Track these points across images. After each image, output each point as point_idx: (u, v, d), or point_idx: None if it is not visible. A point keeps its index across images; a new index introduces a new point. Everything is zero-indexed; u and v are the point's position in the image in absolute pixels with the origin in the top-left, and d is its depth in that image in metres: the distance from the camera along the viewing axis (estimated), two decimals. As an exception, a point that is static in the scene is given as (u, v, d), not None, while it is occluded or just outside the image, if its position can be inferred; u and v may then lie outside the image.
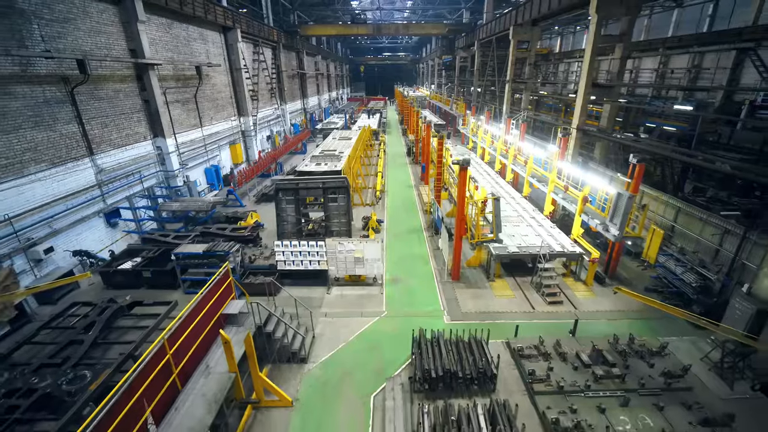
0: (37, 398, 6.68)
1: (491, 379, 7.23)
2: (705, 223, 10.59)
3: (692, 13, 25.20)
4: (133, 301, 9.48)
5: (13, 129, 10.19)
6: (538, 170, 15.74)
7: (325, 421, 7.06)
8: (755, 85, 18.38)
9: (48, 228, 11.10)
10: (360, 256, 10.80)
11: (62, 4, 11.67)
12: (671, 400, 7.04)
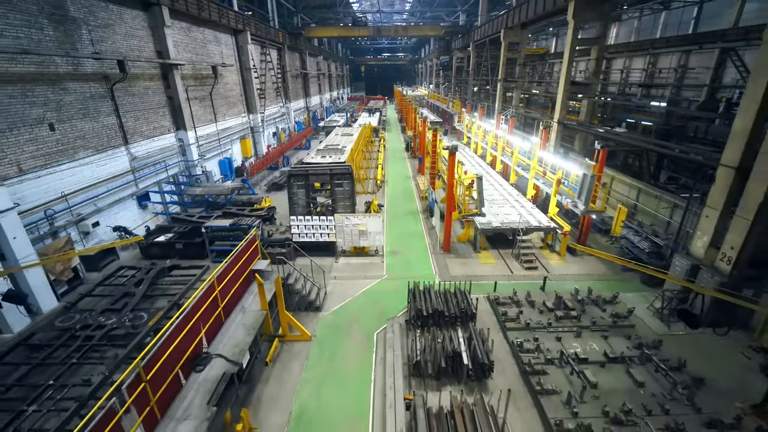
0: (106, 332, 8.39)
1: (471, 317, 8.97)
2: (659, 200, 12.35)
3: (678, 15, 26.86)
4: (172, 265, 11.19)
5: (68, 119, 11.92)
6: (524, 160, 17.49)
7: (338, 351, 8.80)
8: (735, 83, 20.05)
9: (93, 206, 12.83)
10: (364, 229, 12.55)
11: (104, 12, 13.41)
12: (616, 334, 8.80)
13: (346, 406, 7.33)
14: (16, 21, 10.27)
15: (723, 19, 22.38)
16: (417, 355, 7.71)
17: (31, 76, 10.74)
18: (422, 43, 77.45)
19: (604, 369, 7.74)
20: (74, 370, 7.22)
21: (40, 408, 6.29)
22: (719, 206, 9.09)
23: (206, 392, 6.48)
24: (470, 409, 6.57)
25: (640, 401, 6.90)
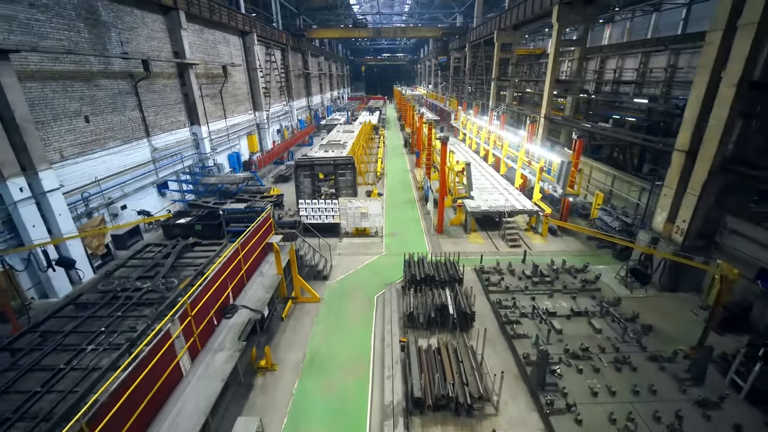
0: (143, 293, 9.75)
1: (458, 282, 10.34)
2: (630, 185, 13.76)
3: (668, 16, 28.19)
4: (194, 242, 12.57)
5: (100, 112, 13.32)
6: (512, 152, 18.88)
7: (343, 309, 10.20)
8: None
9: (121, 191, 14.23)
10: (365, 211, 13.95)
11: (129, 16, 14.80)
12: (583, 295, 10.19)
13: (350, 349, 8.73)
14: (59, 25, 11.67)
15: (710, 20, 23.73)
16: (410, 308, 9.10)
17: (70, 74, 12.14)
18: (421, 43, 78.89)
19: (570, 320, 9.13)
20: (119, 322, 8.53)
21: (97, 347, 7.61)
22: (674, 186, 10.49)
23: (236, 332, 7.89)
24: (454, 347, 7.95)
25: (596, 343, 8.28)
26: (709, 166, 9.39)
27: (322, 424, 6.93)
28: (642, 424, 6.40)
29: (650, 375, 7.40)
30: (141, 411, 5.59)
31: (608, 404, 6.78)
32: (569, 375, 7.47)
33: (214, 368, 6.99)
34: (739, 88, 8.65)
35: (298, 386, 7.75)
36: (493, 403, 6.94)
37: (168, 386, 6.47)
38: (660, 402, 6.81)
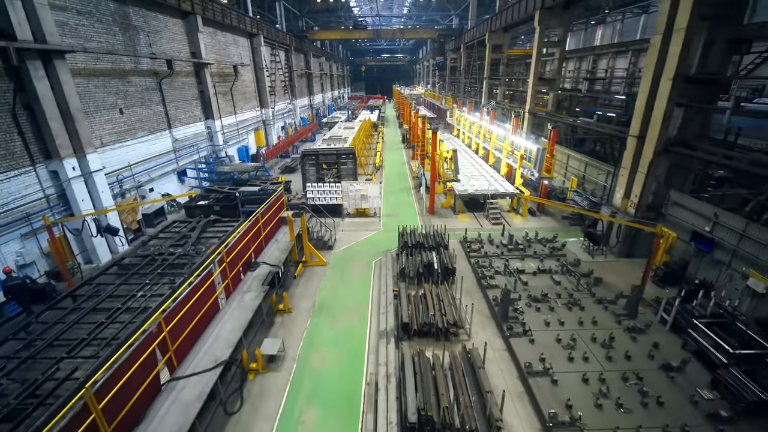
0: (177, 256, 11.52)
1: (444, 247, 12.14)
2: (598, 170, 15.56)
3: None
4: (215, 218, 14.35)
5: (131, 106, 15.12)
6: (499, 144, 20.68)
7: (346, 271, 11.99)
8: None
9: (147, 176, 16.03)
10: (365, 193, 15.74)
11: (155, 21, 16.61)
12: (550, 259, 11.98)
13: (353, 298, 10.52)
14: (99, 29, 13.48)
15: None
16: (402, 266, 10.89)
17: (108, 72, 13.95)
18: (420, 44, 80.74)
19: (535, 276, 10.93)
20: (159, 278, 10.21)
21: (144, 294, 9.32)
22: (629, 166, 12.27)
23: (260, 280, 9.70)
24: (437, 293, 9.74)
25: (555, 291, 10.08)
26: (654, 147, 11.19)
27: (331, 346, 8.72)
28: (581, 343, 8.20)
29: (594, 312, 9.19)
30: (190, 331, 7.37)
31: (557, 331, 8.57)
32: (529, 312, 9.27)
33: (244, 303, 8.79)
34: (674, 82, 10.45)
35: (311, 323, 9.55)
36: (466, 331, 8.74)
37: (209, 315, 8.26)
38: (598, 329, 8.61)
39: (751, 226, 9.05)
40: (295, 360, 8.29)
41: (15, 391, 6.14)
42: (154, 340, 6.31)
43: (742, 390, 6.63)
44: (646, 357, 7.78)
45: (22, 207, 10.55)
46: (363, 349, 8.53)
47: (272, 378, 7.80)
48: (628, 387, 7.04)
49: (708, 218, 10.12)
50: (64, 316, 8.20)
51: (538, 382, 7.18)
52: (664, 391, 6.87)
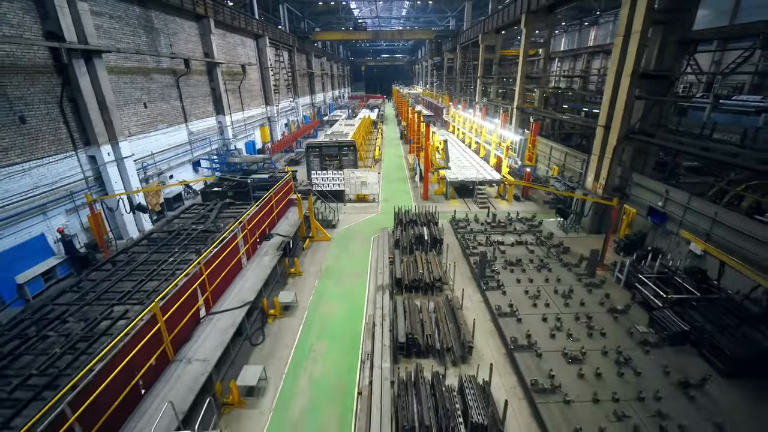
0: (200, 231, 13.12)
1: (435, 224, 13.75)
2: (575, 158, 17.18)
3: None
4: (230, 202, 15.95)
5: (153, 101, 16.74)
6: (489, 137, 22.30)
7: (348, 246, 13.60)
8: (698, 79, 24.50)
9: (167, 165, 17.64)
10: (365, 180, 17.36)
11: (173, 24, 18.24)
12: (527, 234, 13.58)
13: (354, 265, 12.13)
14: (127, 32, 15.10)
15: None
16: (397, 238, 12.51)
17: (135, 70, 15.57)
18: (419, 45, 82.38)
19: (512, 247, 12.53)
20: (185, 248, 11.73)
21: (174, 260, 10.85)
22: (597, 153, 13.88)
23: (274, 246, 11.32)
24: (426, 259, 11.34)
25: (528, 258, 11.69)
26: (617, 135, 12.80)
27: (336, 299, 10.33)
28: (544, 294, 9.80)
29: (560, 273, 10.80)
30: (221, 280, 8.99)
31: (526, 286, 10.17)
32: (504, 273, 10.88)
33: (263, 263, 10.41)
34: (632, 78, 12.05)
35: (318, 283, 11.16)
36: (450, 286, 10.35)
37: (235, 271, 9.88)
38: (561, 285, 10.21)
39: (694, 200, 10.67)
40: (306, 309, 9.91)
41: (79, 327, 7.58)
42: (196, 280, 7.92)
43: (670, 325, 8.24)
44: (598, 304, 9.40)
45: (66, 186, 12.16)
46: (363, 300, 10.14)
47: (288, 321, 9.41)
48: (578, 324, 8.65)
49: (661, 195, 11.73)
50: (108, 276, 9.74)
51: (505, 320, 8.79)
52: (607, 327, 8.48)
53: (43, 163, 11.40)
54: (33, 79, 11.08)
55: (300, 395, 7.22)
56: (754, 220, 9.22)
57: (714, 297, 8.74)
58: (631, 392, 6.78)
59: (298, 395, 7.22)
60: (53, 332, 7.30)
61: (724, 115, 20.47)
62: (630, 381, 7.06)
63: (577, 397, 6.69)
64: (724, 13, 25.79)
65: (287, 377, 7.65)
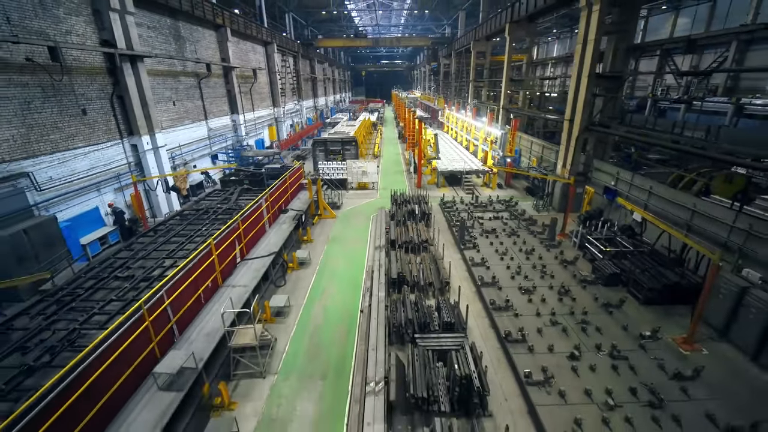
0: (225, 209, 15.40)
1: (425, 203, 16.04)
2: (551, 150, 19.52)
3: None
4: (247, 187, 18.27)
5: (180, 99, 19.13)
6: (477, 134, 24.67)
7: (351, 221, 15.90)
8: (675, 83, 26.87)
9: (191, 156, 19.98)
10: (365, 170, 19.68)
11: (196, 33, 20.69)
12: (504, 212, 15.88)
13: (356, 235, 14.42)
14: (161, 39, 17.52)
15: (663, 31, 29.68)
16: (392, 213, 14.80)
17: (166, 72, 17.97)
18: (417, 51, 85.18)
19: (490, 221, 14.82)
20: (213, 222, 13.94)
21: (206, 231, 13.11)
22: (564, 143, 16.21)
23: (290, 217, 13.62)
24: (417, 228, 13.62)
25: (502, 228, 13.96)
26: (579, 128, 15.13)
27: (342, 257, 12.62)
28: (511, 252, 12.06)
29: (526, 238, 13.07)
30: (247, 242, 11.27)
31: (496, 246, 12.43)
32: (480, 239, 13.15)
33: (282, 228, 12.70)
34: (590, 78, 14.42)
35: (327, 246, 13.46)
36: (435, 247, 12.62)
37: (259, 234, 12.16)
38: (525, 245, 12.46)
39: (636, 178, 12.98)
40: (318, 264, 12.19)
41: (139, 272, 9.75)
42: (234, 232, 10.21)
43: (605, 269, 10.51)
44: (553, 258, 11.67)
45: (114, 168, 14.49)
46: (363, 258, 12.43)
47: (303, 272, 11.70)
48: (534, 270, 10.92)
49: (613, 176, 14.05)
50: (152, 241, 11.96)
51: (477, 269, 11.06)
52: (557, 272, 10.75)
53: (98, 149, 13.74)
54: (92, 79, 13.46)
55: (316, 316, 9.49)
56: (675, 190, 11.55)
57: (642, 249, 11.03)
58: (565, 310, 9.04)
59: (315, 316, 9.49)
60: (119, 276, 9.44)
61: (694, 114, 22.98)
62: (567, 304, 9.32)
63: (524, 313, 8.95)
64: (701, 20, 28.43)
65: (305, 305, 9.92)
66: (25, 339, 7.15)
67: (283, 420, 6.61)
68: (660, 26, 32.11)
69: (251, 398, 7.04)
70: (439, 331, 7.97)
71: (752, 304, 7.74)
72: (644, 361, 7.40)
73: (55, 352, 6.69)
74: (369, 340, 7.56)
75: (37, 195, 11.37)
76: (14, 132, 10.77)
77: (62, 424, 4.82)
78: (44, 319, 7.97)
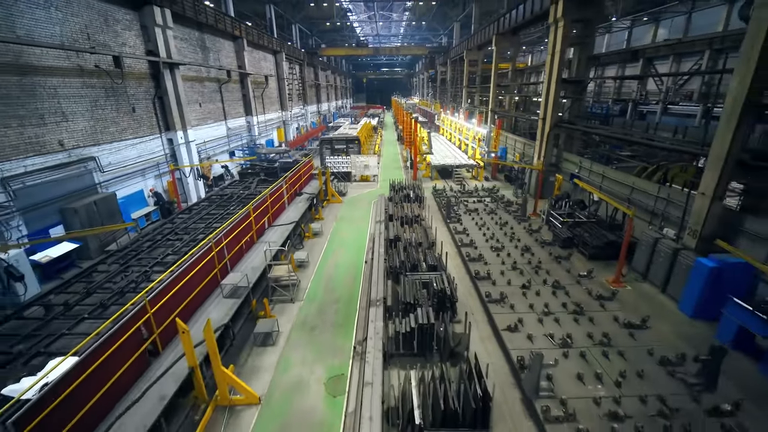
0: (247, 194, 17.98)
1: (419, 189, 18.62)
2: (530, 146, 22.15)
3: (617, 36, 37.04)
4: (264, 178, 20.87)
5: (205, 102, 21.81)
6: (468, 134, 27.32)
7: (355, 205, 18.48)
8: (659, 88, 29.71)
9: (213, 151, 22.61)
10: (367, 164, 22.29)
11: (218, 43, 23.46)
12: (488, 197, 18.46)
13: (360, 215, 16.98)
14: (191, 49, 20.25)
15: (647, 39, 32.57)
16: (390, 195, 17.37)
17: (194, 78, 20.67)
18: (416, 59, 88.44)
19: (475, 203, 17.38)
20: (237, 205, 16.46)
21: (231, 211, 15.67)
22: (538, 138, 18.83)
23: (305, 198, 16.18)
24: (411, 207, 16.16)
25: (484, 209, 16.51)
26: (550, 124, 17.76)
27: (349, 230, 15.16)
28: (489, 225, 14.59)
29: (503, 216, 15.61)
30: (269, 217, 13.83)
31: (477, 221, 14.97)
32: (464, 216, 15.70)
33: (298, 206, 15.27)
34: (557, 83, 17.07)
35: (336, 223, 16.01)
36: (426, 222, 15.16)
37: (281, 209, 14.71)
38: (501, 220, 15.00)
39: (594, 166, 15.56)
40: (329, 234, 14.73)
41: (185, 237, 12.29)
42: (264, 203, 12.76)
43: (561, 234, 13.04)
44: (522, 229, 14.21)
45: (155, 158, 17.08)
46: (366, 230, 14.96)
47: (317, 240, 14.24)
48: (504, 236, 13.44)
49: (577, 164, 16.64)
50: (190, 217, 14.46)
51: (459, 235, 13.58)
52: (523, 238, 13.28)
53: (143, 141, 16.35)
54: (139, 83, 16.12)
55: (329, 267, 12.03)
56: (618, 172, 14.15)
57: (592, 220, 13.58)
58: (525, 261, 11.56)
59: (329, 267, 12.03)
60: (171, 239, 11.96)
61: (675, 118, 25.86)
62: (527, 257, 11.83)
63: (492, 263, 11.47)
64: (680, 30, 31.31)
65: (321, 261, 12.45)
66: (107, 279, 9.59)
67: (311, 324, 9.10)
68: (642, 36, 35.15)
69: (285, 314, 9.52)
70: (425, 270, 10.48)
71: (662, 251, 10.28)
72: (578, 291, 9.91)
73: (137, 281, 9.18)
74: (372, 276, 10.07)
75: (101, 176, 13.95)
76: (86, 124, 13.39)
77: (162, 311, 7.25)
78: (120, 265, 10.48)
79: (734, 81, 8.44)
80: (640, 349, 7.65)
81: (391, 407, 6.35)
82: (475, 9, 35.94)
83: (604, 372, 7.01)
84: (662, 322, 8.60)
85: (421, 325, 7.53)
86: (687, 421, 5.93)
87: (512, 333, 8.24)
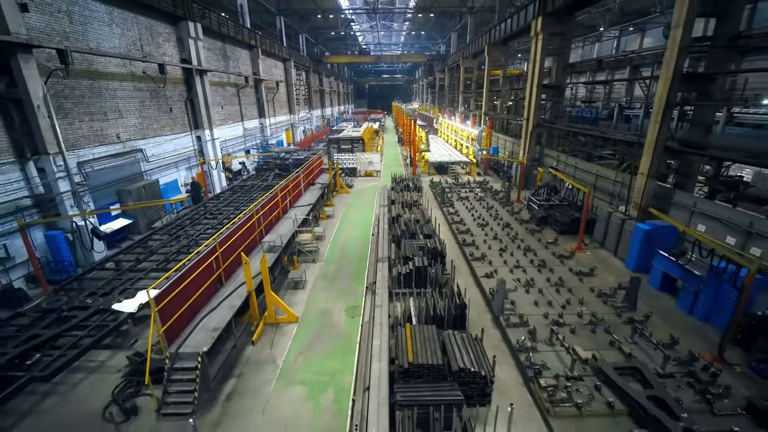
0: (265, 186, 20.41)
1: (419, 180, 21.03)
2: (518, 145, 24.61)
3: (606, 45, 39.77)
4: (278, 173, 23.32)
5: (226, 104, 24.31)
6: (463, 134, 29.81)
7: (361, 195, 20.88)
8: (644, 93, 32.53)
9: (232, 149, 25.08)
10: (371, 160, 24.74)
11: (236, 52, 26.04)
12: (479, 189, 20.91)
13: (366, 203, 19.38)
14: (215, 58, 22.80)
15: (635, 47, 35.23)
16: (392, 186, 19.78)
17: (217, 83, 23.20)
18: (416, 66, 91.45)
19: (466, 193, 19.78)
20: (259, 193, 18.89)
21: (253, 199, 18.11)
22: (522, 136, 21.28)
23: (318, 188, 18.61)
24: (411, 194, 18.57)
25: (475, 197, 18.91)
26: (532, 124, 20.23)
27: (356, 213, 17.55)
28: (478, 209, 16.99)
29: (490, 203, 18.02)
30: (290, 199, 16.25)
31: (467, 206, 17.37)
32: (457, 203, 18.11)
33: (312, 194, 17.68)
34: (538, 87, 19.56)
35: (345, 209, 18.41)
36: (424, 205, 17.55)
37: (297, 196, 17.12)
38: (489, 206, 17.40)
39: (568, 159, 18.00)
40: (340, 217, 17.13)
41: (219, 217, 14.78)
42: (284, 190, 15.18)
43: (538, 214, 15.43)
44: (507, 212, 16.60)
45: (186, 153, 19.53)
46: (371, 214, 17.35)
47: (330, 221, 16.64)
48: (490, 217, 15.83)
49: (555, 158, 19.09)
50: (219, 203, 16.85)
51: (451, 216, 15.98)
52: (506, 217, 15.67)
53: (177, 137, 18.81)
54: (175, 87, 18.62)
55: (342, 239, 14.42)
56: (586, 162, 16.57)
57: (564, 203, 15.98)
58: (504, 234, 13.93)
59: (341, 239, 14.42)
60: (207, 217, 14.39)
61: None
62: (507, 231, 14.21)
63: (477, 234, 13.85)
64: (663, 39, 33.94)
65: (334, 235, 14.84)
66: (162, 245, 11.93)
67: (331, 275, 11.48)
68: (632, 44, 37.96)
69: (309, 270, 11.89)
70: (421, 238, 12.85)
71: (613, 222, 12.66)
72: (545, 253, 12.29)
73: (189, 245, 11.55)
74: (378, 242, 12.44)
75: (146, 165, 16.39)
76: (136, 121, 15.85)
77: (225, 252, 9.62)
78: (169, 237, 12.85)
79: (660, 85, 10.90)
80: (585, 288, 10.02)
81: (396, 318, 8.69)
82: (471, 20, 38.70)
83: (554, 300, 9.38)
84: (608, 274, 10.96)
85: (417, 267, 9.88)
86: (608, 326, 8.28)
87: (488, 279, 10.62)
